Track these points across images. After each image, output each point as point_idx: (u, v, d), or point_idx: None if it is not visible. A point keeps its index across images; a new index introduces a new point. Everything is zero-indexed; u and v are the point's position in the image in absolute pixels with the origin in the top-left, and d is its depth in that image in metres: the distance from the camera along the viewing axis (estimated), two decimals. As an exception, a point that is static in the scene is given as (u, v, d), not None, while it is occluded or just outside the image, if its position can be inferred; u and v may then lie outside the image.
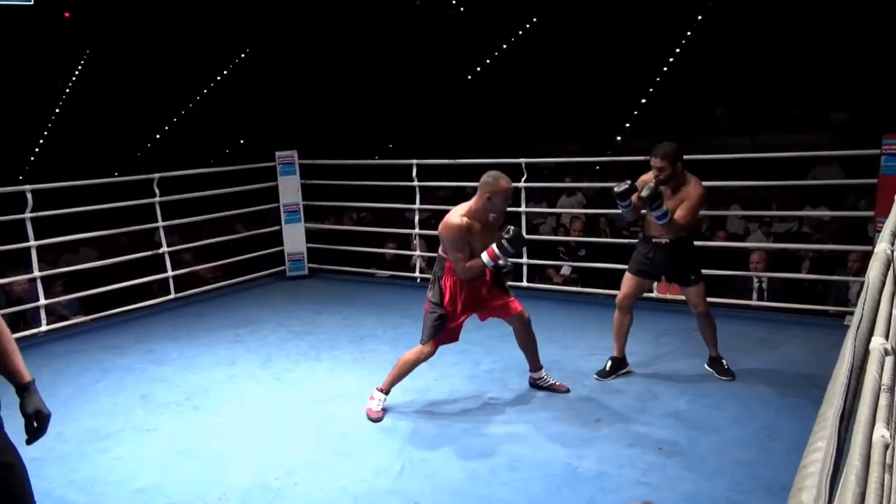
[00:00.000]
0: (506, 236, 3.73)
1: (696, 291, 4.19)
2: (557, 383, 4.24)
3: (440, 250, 3.91)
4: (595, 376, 4.37)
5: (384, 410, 3.92)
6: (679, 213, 4.00)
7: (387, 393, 3.95)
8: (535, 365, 4.22)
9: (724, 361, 4.33)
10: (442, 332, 3.86)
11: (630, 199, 4.07)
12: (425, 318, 3.89)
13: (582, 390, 4.20)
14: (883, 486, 1.19)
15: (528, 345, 4.15)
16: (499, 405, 4.04)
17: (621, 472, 3.23)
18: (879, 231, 2.50)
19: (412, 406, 4.05)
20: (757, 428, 3.61)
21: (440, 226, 3.83)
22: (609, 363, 4.38)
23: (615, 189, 4.08)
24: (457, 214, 3.77)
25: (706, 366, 4.38)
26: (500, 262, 3.76)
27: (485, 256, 3.74)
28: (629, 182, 4.06)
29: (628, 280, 4.32)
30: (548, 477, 3.22)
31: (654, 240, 4.19)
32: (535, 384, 4.26)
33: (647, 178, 4.09)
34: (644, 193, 3.93)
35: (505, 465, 3.33)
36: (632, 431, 3.63)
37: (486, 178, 3.79)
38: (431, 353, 3.91)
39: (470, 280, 3.83)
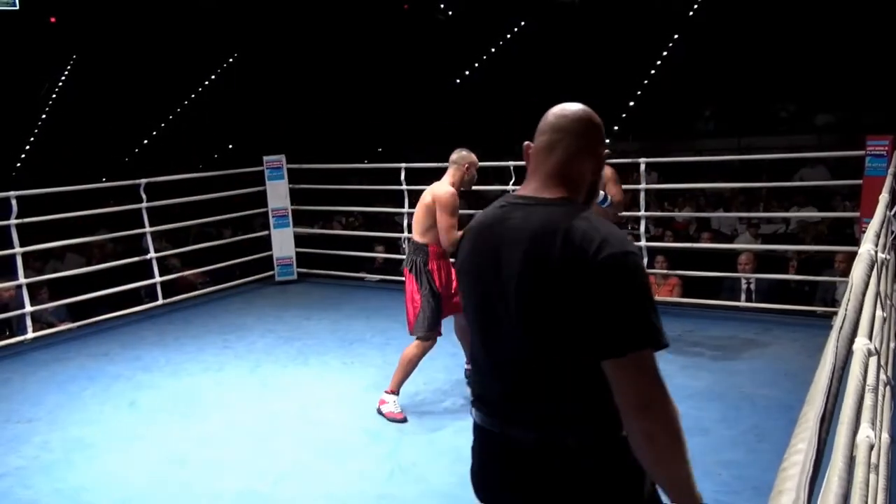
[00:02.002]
0: None
1: None
2: None
3: (419, 236, 3.96)
4: None
5: (403, 411, 3.94)
6: (612, 193, 4.35)
7: (397, 393, 3.96)
8: None
9: None
10: (439, 320, 3.94)
11: None
12: (420, 312, 3.91)
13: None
14: (868, 486, 1.20)
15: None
16: (488, 409, 4.04)
17: (611, 475, 3.23)
18: (864, 232, 2.52)
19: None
20: (745, 428, 3.63)
21: (432, 197, 3.87)
22: None
23: None
24: (444, 186, 3.90)
25: None
26: None
27: None
28: None
29: None
30: (537, 480, 3.22)
31: None
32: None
33: None
34: None
35: (495, 469, 3.33)
36: (621, 433, 3.64)
37: (458, 154, 3.99)
38: (433, 344, 3.98)
39: (448, 263, 3.98)
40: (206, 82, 21.53)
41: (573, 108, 1.54)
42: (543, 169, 1.51)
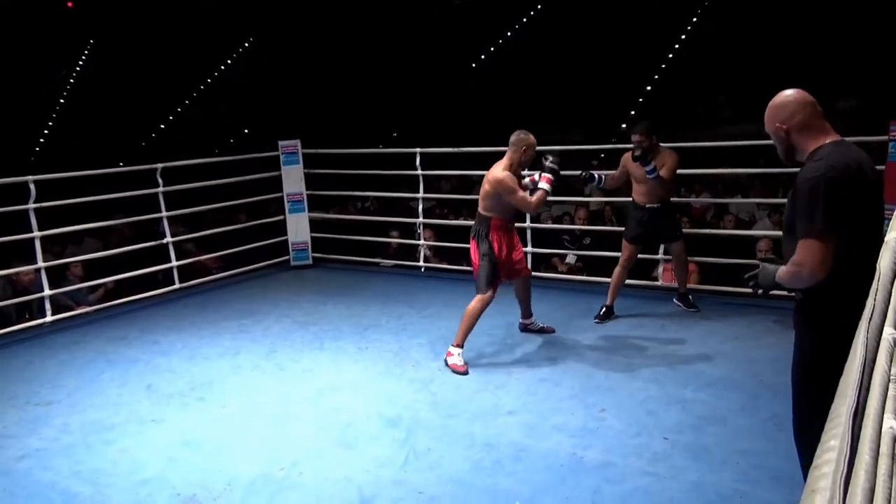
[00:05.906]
0: (550, 163, 4.30)
1: (680, 245, 5.22)
2: (546, 326, 4.94)
3: (483, 210, 4.37)
4: (595, 320, 5.11)
5: (466, 363, 4.34)
6: (663, 171, 4.88)
7: (461, 346, 4.35)
8: (527, 313, 4.91)
9: (690, 297, 5.36)
10: (495, 279, 4.38)
11: (598, 178, 5.06)
12: (479, 271, 4.37)
13: (586, 380, 4.19)
14: (892, 478, 1.17)
15: (526, 296, 4.83)
16: (503, 395, 4.03)
17: (626, 462, 3.22)
18: (888, 219, 2.47)
19: (416, 396, 4.04)
20: (764, 417, 3.59)
21: (489, 183, 4.28)
22: (603, 310, 5.16)
23: (588, 186, 5.15)
24: (498, 170, 4.27)
25: (675, 300, 5.40)
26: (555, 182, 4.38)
27: (543, 185, 4.27)
28: (584, 172, 5.06)
29: (628, 246, 5.13)
30: (552, 467, 3.21)
31: (647, 206, 5.03)
32: (527, 329, 4.93)
33: (628, 154, 4.98)
34: (637, 153, 4.78)
35: (510, 456, 3.32)
36: (637, 421, 3.61)
37: (516, 135, 4.31)
38: (492, 298, 4.39)
39: (510, 234, 4.43)
40: (222, 67, 21.54)
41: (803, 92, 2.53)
42: (827, 124, 2.44)
